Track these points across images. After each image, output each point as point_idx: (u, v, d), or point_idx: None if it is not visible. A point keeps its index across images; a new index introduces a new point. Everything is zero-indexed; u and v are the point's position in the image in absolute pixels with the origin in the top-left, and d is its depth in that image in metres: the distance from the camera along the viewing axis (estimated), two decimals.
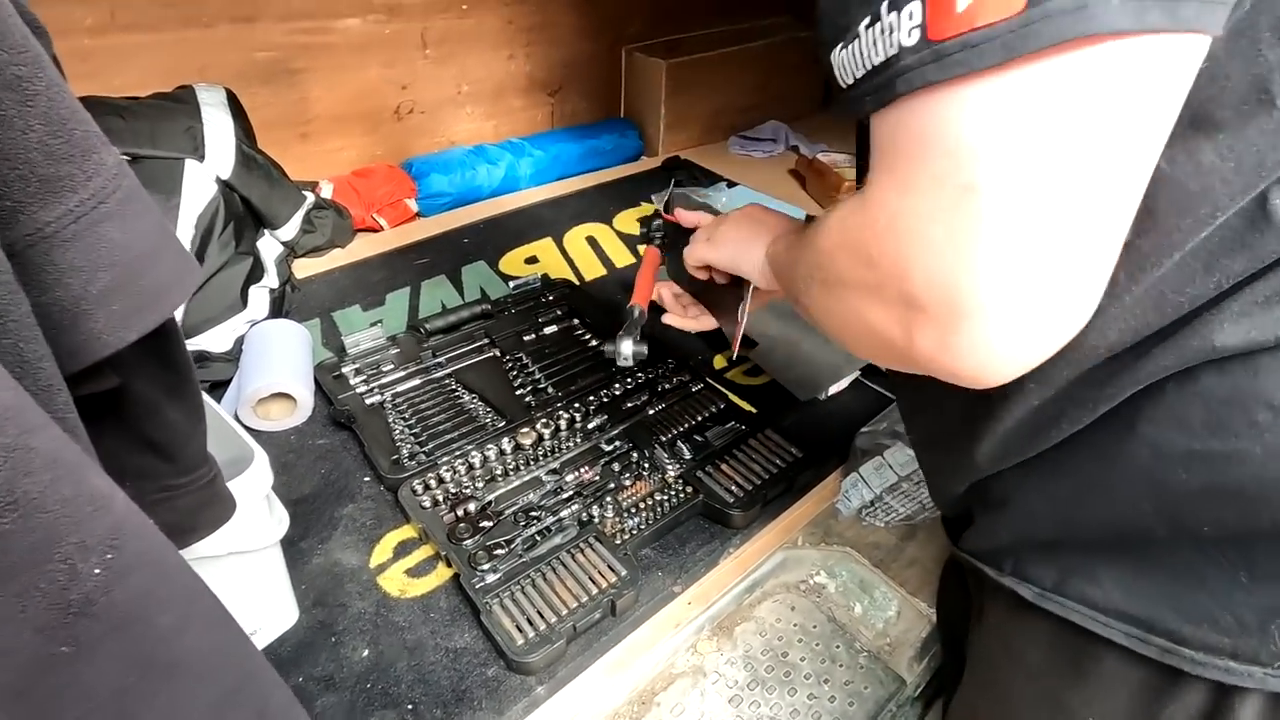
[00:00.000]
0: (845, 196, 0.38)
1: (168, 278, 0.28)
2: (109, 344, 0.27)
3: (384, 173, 1.33)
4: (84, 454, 0.22)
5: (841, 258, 0.37)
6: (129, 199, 0.26)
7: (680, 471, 0.81)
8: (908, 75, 0.28)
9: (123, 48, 1.05)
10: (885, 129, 0.32)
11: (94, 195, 0.25)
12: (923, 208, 0.30)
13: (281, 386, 0.86)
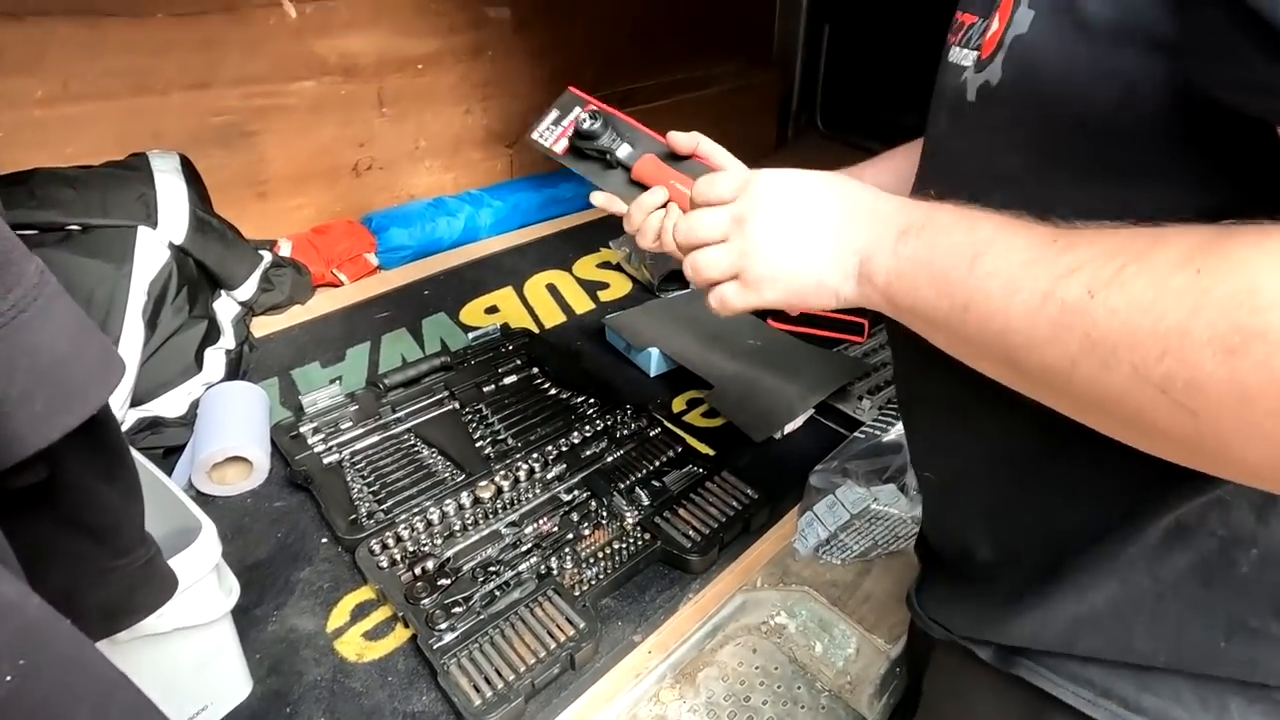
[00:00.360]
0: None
1: (90, 376, 0.29)
2: (32, 444, 0.28)
3: (343, 228, 1.35)
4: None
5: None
6: (49, 304, 0.27)
7: (639, 518, 0.82)
8: None
9: (75, 117, 1.06)
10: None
11: (14, 305, 0.26)
12: None
13: (236, 450, 0.86)
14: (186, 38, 1.10)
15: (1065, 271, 0.30)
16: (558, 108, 0.66)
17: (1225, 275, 0.26)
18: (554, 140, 0.65)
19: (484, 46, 1.46)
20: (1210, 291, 0.26)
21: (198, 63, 1.13)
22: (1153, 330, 0.27)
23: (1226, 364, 0.25)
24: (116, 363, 0.30)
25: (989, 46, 0.38)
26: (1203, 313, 0.26)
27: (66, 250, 0.87)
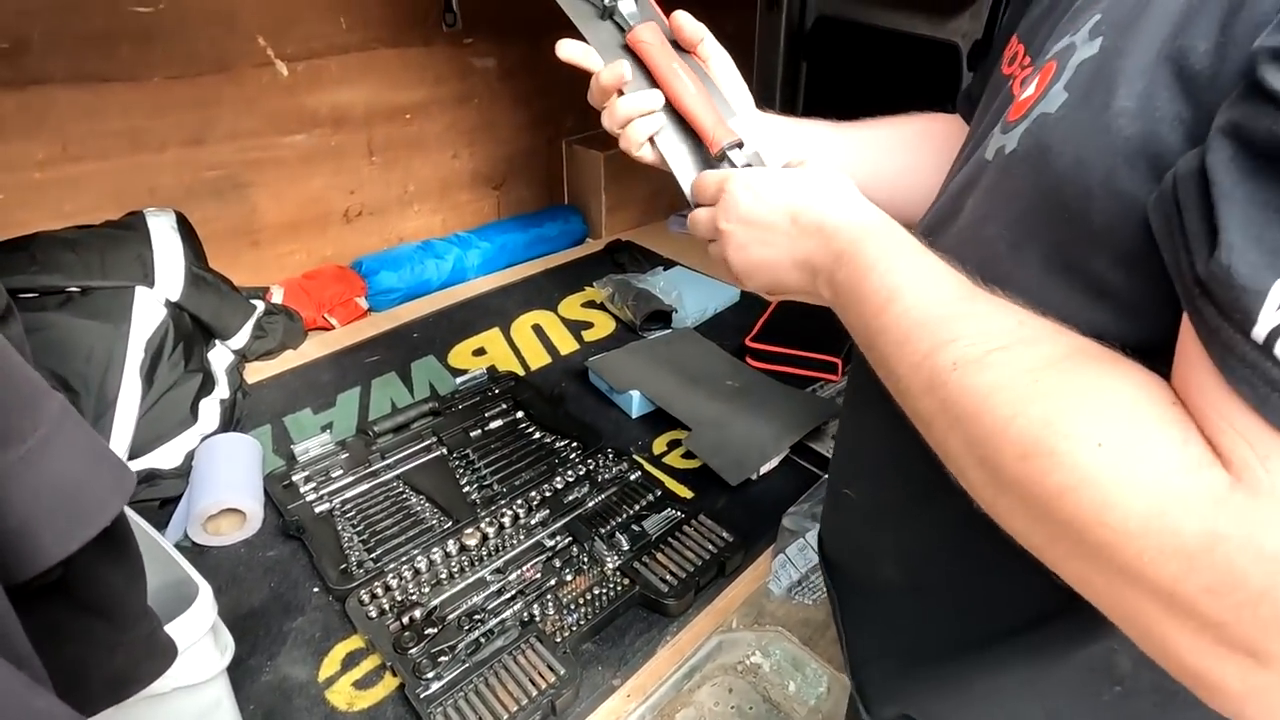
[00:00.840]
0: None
1: (106, 492, 0.33)
2: (54, 555, 0.31)
3: (333, 273, 1.39)
4: (27, 683, 0.26)
5: (1140, 537, 0.27)
6: (71, 434, 0.31)
7: (618, 563, 0.86)
8: None
9: (74, 177, 1.10)
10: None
11: (44, 437, 0.30)
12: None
13: (231, 503, 0.89)
14: (183, 98, 1.15)
15: (946, 339, 0.35)
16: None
17: (1052, 394, 0.31)
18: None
19: (470, 95, 1.51)
20: (1034, 403, 0.31)
21: (193, 120, 1.18)
22: (983, 416, 0.32)
23: (1019, 466, 0.31)
24: (128, 478, 0.34)
25: (1018, 110, 0.39)
26: (1019, 419, 0.31)
27: (67, 313, 0.90)
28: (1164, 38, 0.31)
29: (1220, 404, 0.27)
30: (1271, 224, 0.25)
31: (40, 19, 0.99)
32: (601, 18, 0.55)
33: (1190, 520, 0.26)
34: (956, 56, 1.72)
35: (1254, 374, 0.25)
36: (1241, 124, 0.26)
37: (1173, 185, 0.29)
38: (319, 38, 1.25)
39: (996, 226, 0.40)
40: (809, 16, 1.97)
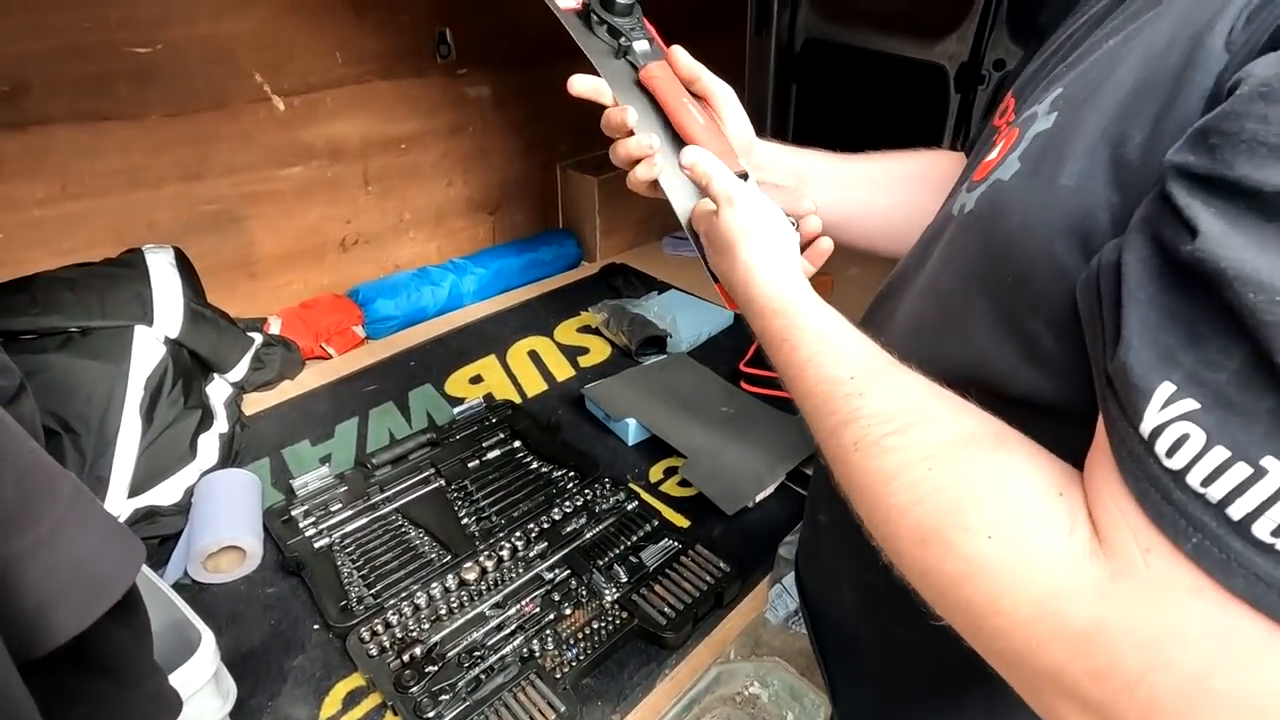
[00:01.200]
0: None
1: (118, 568, 0.34)
2: (69, 631, 0.32)
3: (330, 302, 1.40)
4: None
5: (1030, 624, 0.29)
6: (84, 514, 0.32)
7: (617, 596, 0.87)
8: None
9: (73, 215, 1.11)
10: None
11: (57, 521, 0.31)
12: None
13: (231, 540, 0.90)
14: (180, 134, 1.16)
15: (847, 419, 0.38)
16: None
17: (946, 485, 0.33)
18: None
19: (465, 123, 1.53)
20: (930, 496, 0.33)
21: (190, 156, 1.19)
22: (882, 501, 0.35)
23: (918, 552, 0.33)
24: (138, 550, 0.35)
25: (982, 171, 0.41)
26: (916, 509, 0.33)
27: (68, 353, 0.91)
28: (1108, 122, 0.33)
29: (1112, 492, 0.28)
30: (1167, 328, 0.26)
31: (40, 62, 1.01)
32: (616, 57, 0.58)
33: (1076, 609, 0.28)
34: (944, 78, 1.75)
35: (1139, 468, 0.27)
36: (1154, 227, 0.27)
37: (1096, 273, 0.30)
38: (315, 72, 1.27)
39: (953, 281, 0.42)
40: (798, 39, 2.00)
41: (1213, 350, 0.25)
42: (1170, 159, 0.27)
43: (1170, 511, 0.26)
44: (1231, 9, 0.28)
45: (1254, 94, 0.24)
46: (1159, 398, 0.26)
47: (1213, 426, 0.24)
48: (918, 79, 1.78)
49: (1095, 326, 0.30)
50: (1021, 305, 0.36)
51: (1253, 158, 0.24)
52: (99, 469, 0.90)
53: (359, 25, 1.30)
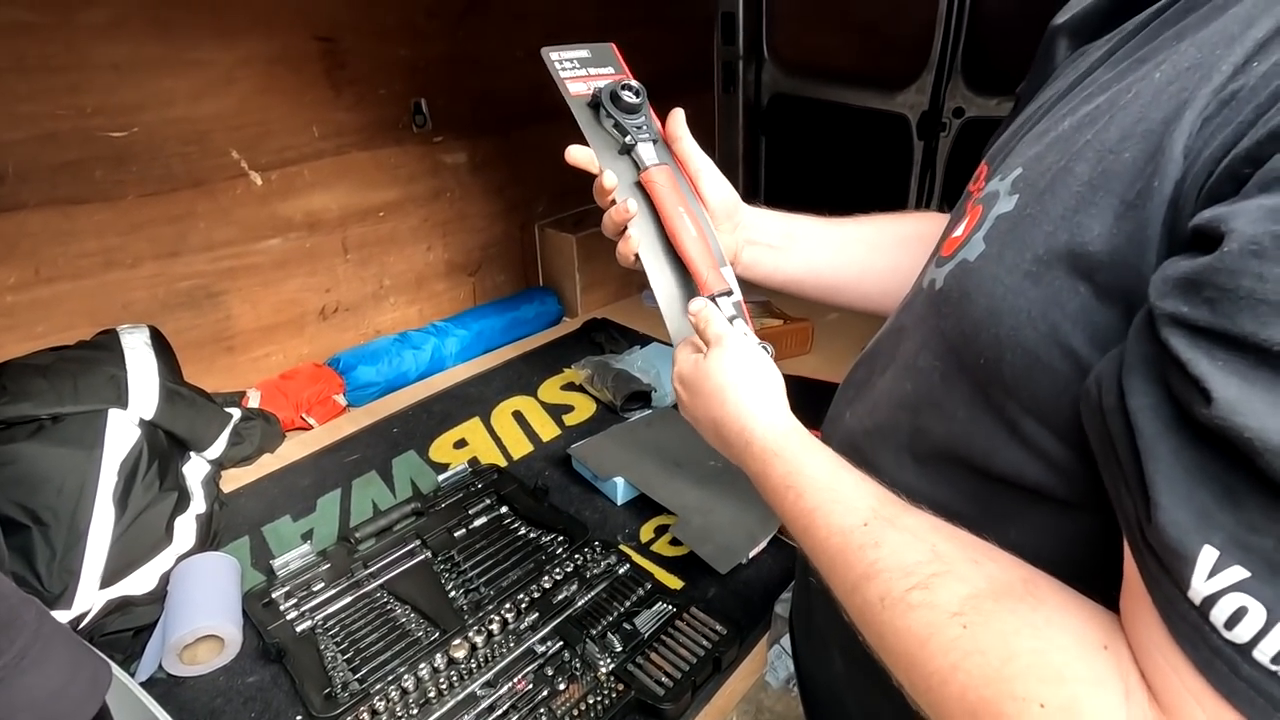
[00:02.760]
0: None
1: (83, 695, 0.32)
2: None
3: (310, 372, 1.38)
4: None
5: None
6: (48, 645, 0.31)
7: (612, 666, 0.84)
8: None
9: (46, 299, 1.10)
10: None
11: (18, 654, 0.29)
12: None
13: (208, 629, 0.86)
14: (156, 214, 1.16)
15: (868, 572, 0.36)
16: (591, 50, 0.61)
17: (987, 648, 0.31)
18: (571, 77, 0.59)
19: (442, 189, 1.55)
20: (971, 659, 0.31)
21: (167, 235, 1.19)
22: (923, 665, 0.33)
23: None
24: (104, 675, 0.34)
25: (949, 247, 0.41)
26: (959, 677, 0.31)
27: (38, 442, 0.89)
28: (1066, 210, 0.33)
29: (1167, 657, 0.27)
30: (1199, 485, 0.25)
31: (15, 151, 1.01)
32: (620, 153, 0.59)
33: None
34: (907, 127, 1.81)
35: (1198, 637, 0.26)
36: (1159, 374, 0.27)
37: (1099, 408, 0.29)
38: (292, 148, 1.29)
39: (930, 359, 0.41)
40: (764, 95, 2.07)
41: (1253, 511, 0.24)
42: (1163, 308, 0.27)
43: (1242, 687, 0.24)
44: (1189, 117, 0.28)
45: (1245, 251, 0.24)
46: (1204, 564, 0.25)
47: (1272, 600, 0.23)
48: (882, 128, 1.84)
49: (1112, 468, 0.29)
50: (997, 388, 0.36)
51: (1256, 315, 0.24)
52: (70, 562, 0.87)
53: (336, 100, 1.33)
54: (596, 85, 0.60)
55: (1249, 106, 0.26)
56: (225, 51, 1.18)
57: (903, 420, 0.42)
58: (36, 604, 0.31)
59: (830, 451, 0.44)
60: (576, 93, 0.59)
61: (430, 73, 1.44)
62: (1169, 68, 0.31)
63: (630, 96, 0.57)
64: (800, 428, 0.47)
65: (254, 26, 1.19)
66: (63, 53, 1.02)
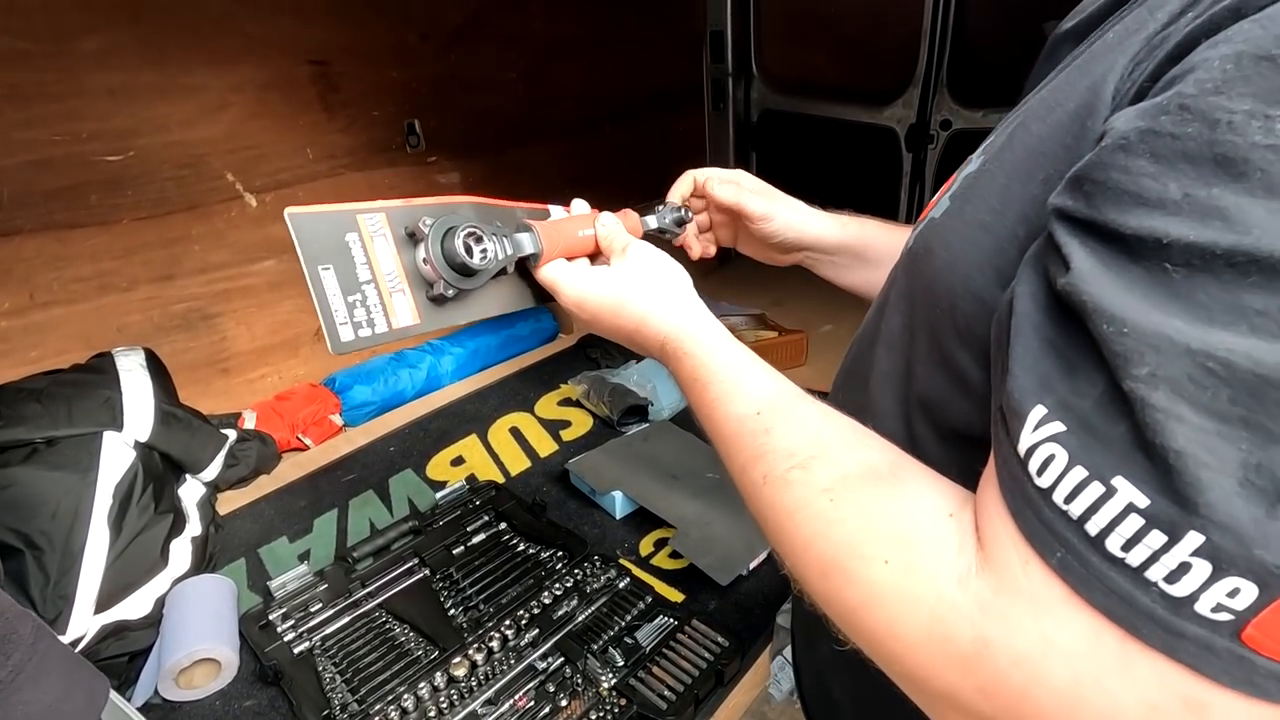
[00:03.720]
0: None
1: (79, 709, 0.32)
2: None
3: (306, 393, 1.38)
4: None
5: (924, 646, 0.30)
6: (43, 659, 0.30)
7: (613, 681, 0.83)
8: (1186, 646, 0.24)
9: (41, 323, 1.10)
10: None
11: (14, 668, 0.29)
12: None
13: (204, 652, 0.85)
14: (151, 238, 1.17)
15: (755, 454, 0.39)
16: (330, 267, 0.43)
17: (847, 516, 0.34)
18: (380, 324, 0.44)
19: None
20: (832, 527, 0.34)
21: (161, 258, 1.19)
22: (788, 535, 0.36)
23: (822, 583, 0.34)
24: (101, 690, 0.33)
25: (924, 213, 0.43)
26: (819, 540, 0.34)
27: (32, 466, 0.88)
28: (1018, 162, 0.35)
29: (995, 510, 0.29)
30: (1045, 355, 0.28)
31: (10, 176, 1.02)
32: (498, 276, 0.52)
33: (962, 628, 0.28)
34: (895, 140, 1.84)
35: (1016, 486, 0.28)
36: (1042, 263, 0.29)
37: (1001, 311, 0.32)
38: (287, 170, 1.30)
39: (900, 317, 0.44)
40: (754, 111, 2.10)
41: (1080, 378, 0.26)
42: (1052, 201, 0.29)
43: (1040, 528, 0.27)
44: (1122, 62, 0.30)
45: (1115, 146, 0.26)
46: (1032, 419, 0.27)
47: (1076, 448, 0.26)
48: (871, 141, 1.87)
49: (998, 358, 0.32)
50: (951, 339, 0.38)
51: (1117, 204, 0.26)
52: (64, 587, 0.86)
53: (329, 122, 1.34)
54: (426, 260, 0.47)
55: (1170, 43, 0.28)
56: (219, 77, 1.19)
57: (883, 387, 0.44)
58: (33, 618, 0.31)
59: (741, 345, 0.47)
60: (415, 320, 0.46)
61: (423, 94, 1.46)
62: (1120, 28, 0.33)
63: (462, 248, 0.45)
64: (711, 322, 0.50)
65: (247, 52, 1.21)
66: (59, 80, 1.03)
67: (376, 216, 0.46)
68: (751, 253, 0.75)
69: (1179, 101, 0.25)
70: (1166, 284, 0.24)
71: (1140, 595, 0.25)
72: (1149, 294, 0.25)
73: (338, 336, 0.44)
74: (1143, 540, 0.24)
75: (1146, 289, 0.25)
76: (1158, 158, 0.25)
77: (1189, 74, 0.25)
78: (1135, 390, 0.24)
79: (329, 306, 0.44)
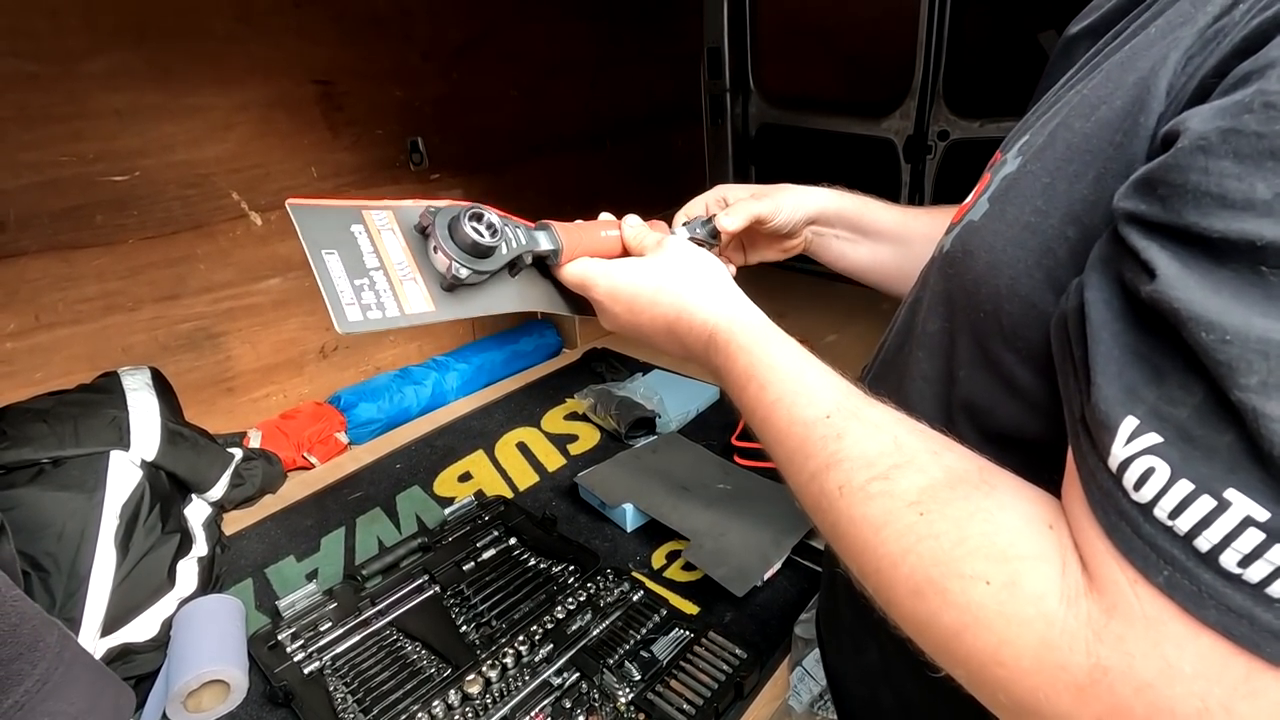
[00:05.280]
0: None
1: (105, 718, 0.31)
2: None
3: (311, 411, 1.37)
4: None
5: (1034, 674, 0.28)
6: (70, 670, 0.30)
7: (631, 696, 0.82)
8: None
9: (46, 344, 1.09)
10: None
11: (40, 678, 0.28)
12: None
13: (213, 673, 0.84)
14: (156, 257, 1.17)
15: (829, 462, 0.37)
16: (338, 257, 0.42)
17: (939, 532, 0.32)
18: (397, 305, 0.43)
19: None
20: (922, 543, 0.32)
21: (167, 278, 1.19)
22: (872, 551, 0.34)
23: (914, 602, 0.32)
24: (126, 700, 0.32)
25: (959, 214, 0.42)
26: (910, 558, 0.32)
27: (38, 486, 0.87)
28: (1063, 161, 0.35)
29: (1084, 519, 0.28)
30: (1130, 364, 0.27)
31: (16, 198, 1.02)
32: (513, 274, 0.53)
33: (1077, 654, 0.27)
34: (893, 151, 1.85)
35: (1109, 501, 0.27)
36: (1115, 268, 0.28)
37: (1064, 315, 0.31)
38: (291, 188, 1.30)
39: (936, 322, 0.43)
40: (752, 126, 2.11)
41: (1174, 386, 0.25)
42: (1122, 206, 0.28)
43: (1140, 544, 0.26)
44: (1174, 56, 0.30)
45: (1194, 148, 0.25)
46: (1124, 432, 0.26)
47: (1177, 460, 0.25)
48: (869, 152, 1.88)
49: (1066, 366, 0.31)
50: (996, 341, 0.37)
51: (1199, 207, 0.25)
52: (69, 610, 0.84)
53: (334, 141, 1.34)
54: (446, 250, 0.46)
55: (1228, 39, 0.27)
56: (225, 97, 1.20)
57: (923, 390, 0.43)
58: (59, 627, 0.30)
59: (793, 341, 0.45)
60: (418, 311, 0.45)
61: (426, 112, 1.47)
62: (1162, 22, 0.32)
63: (475, 232, 0.45)
64: (761, 315, 0.47)
65: (252, 72, 1.22)
66: (65, 101, 1.03)
67: (384, 214, 0.46)
68: (763, 256, 0.75)
69: (1264, 99, 0.24)
70: (1262, 287, 0.23)
71: (1262, 612, 0.23)
72: (1243, 298, 0.24)
73: (344, 315, 0.42)
74: (1263, 556, 0.23)
75: (1240, 293, 0.24)
76: (1242, 158, 0.24)
77: (1270, 69, 0.24)
78: (1246, 400, 0.23)
79: (334, 286, 0.42)
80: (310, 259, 0.43)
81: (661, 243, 0.54)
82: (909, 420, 0.38)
